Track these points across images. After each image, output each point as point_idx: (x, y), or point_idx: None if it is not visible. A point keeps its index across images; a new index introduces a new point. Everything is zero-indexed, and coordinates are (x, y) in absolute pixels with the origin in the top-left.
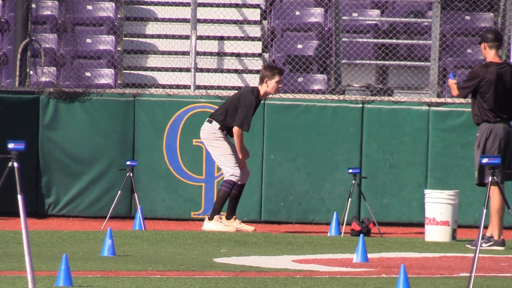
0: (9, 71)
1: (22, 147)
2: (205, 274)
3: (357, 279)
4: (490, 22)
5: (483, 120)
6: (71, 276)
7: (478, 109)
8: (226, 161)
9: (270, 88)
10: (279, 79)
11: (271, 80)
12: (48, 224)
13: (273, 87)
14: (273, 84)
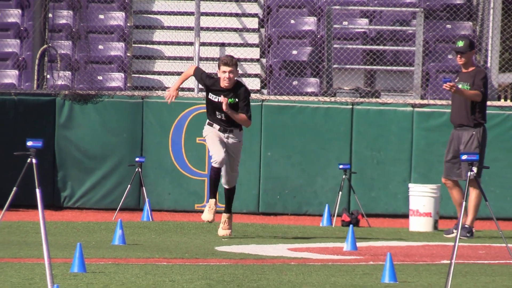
0: (28, 75)
1: (39, 145)
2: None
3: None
4: (469, 30)
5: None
6: (84, 263)
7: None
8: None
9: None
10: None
11: (219, 70)
12: (64, 216)
13: (220, 75)
14: (220, 73)
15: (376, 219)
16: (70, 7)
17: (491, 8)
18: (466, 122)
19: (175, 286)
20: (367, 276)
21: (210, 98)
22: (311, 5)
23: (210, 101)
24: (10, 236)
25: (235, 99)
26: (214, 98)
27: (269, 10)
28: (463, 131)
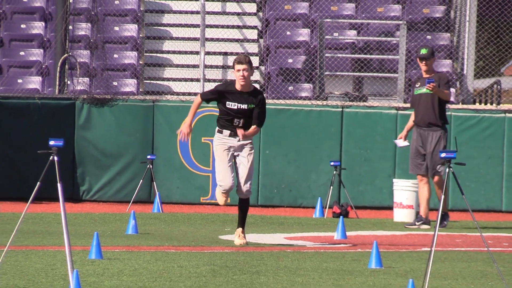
0: (50, 81)
1: (61, 144)
2: (212, 249)
3: (338, 253)
4: (447, 40)
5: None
6: (101, 251)
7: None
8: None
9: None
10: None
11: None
12: (82, 208)
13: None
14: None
15: (363, 210)
16: (88, 20)
17: (467, 20)
18: (435, 122)
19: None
20: (355, 262)
21: (228, 106)
22: (305, 18)
23: (228, 109)
24: (34, 226)
25: (254, 104)
26: (233, 106)
27: (267, 22)
28: (431, 131)
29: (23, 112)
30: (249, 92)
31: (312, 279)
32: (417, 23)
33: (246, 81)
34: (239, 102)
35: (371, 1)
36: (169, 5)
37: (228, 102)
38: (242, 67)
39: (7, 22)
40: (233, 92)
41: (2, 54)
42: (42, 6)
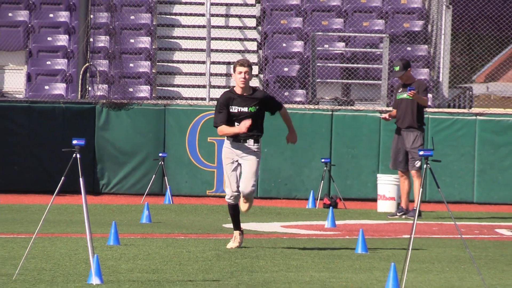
0: (73, 88)
1: (82, 143)
2: (217, 236)
3: (328, 239)
4: (425, 51)
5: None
6: (118, 237)
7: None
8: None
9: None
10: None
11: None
12: (102, 200)
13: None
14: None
15: (350, 202)
16: (107, 33)
17: (442, 34)
18: (413, 124)
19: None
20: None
21: (230, 110)
22: (299, 31)
23: (231, 113)
24: (59, 216)
25: (256, 106)
26: (234, 109)
27: (266, 35)
28: (409, 132)
29: (49, 115)
30: (250, 95)
31: (305, 262)
32: (398, 36)
33: (246, 84)
34: (239, 105)
35: (357, 16)
36: (179, 20)
37: (231, 106)
38: (244, 70)
39: (35, 35)
40: (234, 96)
41: (31, 63)
42: (66, 21)
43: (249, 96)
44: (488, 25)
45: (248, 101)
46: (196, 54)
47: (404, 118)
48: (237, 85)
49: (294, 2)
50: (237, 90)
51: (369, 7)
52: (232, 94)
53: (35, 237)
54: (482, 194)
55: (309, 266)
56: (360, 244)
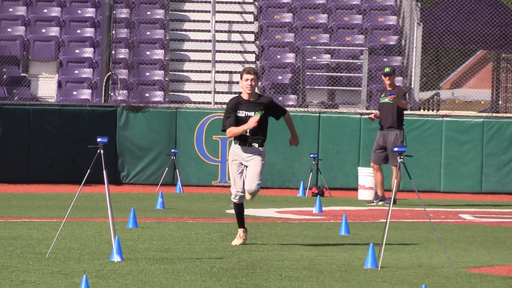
0: (97, 93)
1: (105, 141)
2: (221, 220)
3: (316, 223)
4: (399, 62)
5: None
6: (137, 221)
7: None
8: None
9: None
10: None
11: (241, 80)
12: (122, 189)
13: (243, 85)
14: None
15: (335, 191)
16: (127, 46)
17: (414, 47)
18: (394, 125)
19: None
20: (329, 230)
21: (238, 115)
22: (291, 45)
23: (238, 118)
24: (86, 203)
25: (262, 111)
26: (242, 114)
27: (263, 48)
28: (390, 131)
29: (77, 117)
30: (255, 100)
31: (296, 243)
32: (376, 49)
33: (252, 90)
34: (246, 110)
35: (341, 32)
36: (188, 35)
37: (238, 112)
38: (250, 77)
39: (65, 48)
40: (241, 102)
41: (61, 72)
42: (92, 36)
43: (255, 102)
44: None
45: (254, 106)
46: (203, 64)
47: (386, 119)
48: (244, 91)
49: (287, 20)
50: (244, 96)
51: (351, 24)
52: (239, 100)
53: (65, 221)
54: (448, 184)
55: (300, 247)
56: (343, 227)
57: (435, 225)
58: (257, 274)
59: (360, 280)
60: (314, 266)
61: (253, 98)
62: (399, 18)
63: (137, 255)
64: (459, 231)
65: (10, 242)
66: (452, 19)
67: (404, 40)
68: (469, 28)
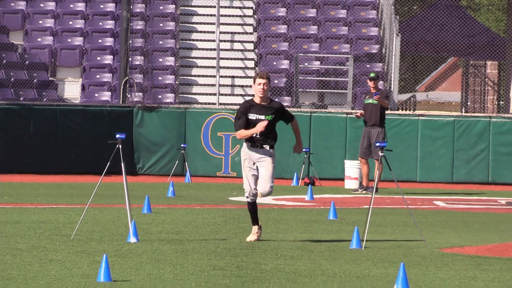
0: (116, 95)
1: (123, 137)
2: (224, 206)
3: (308, 209)
4: (380, 68)
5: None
6: (151, 207)
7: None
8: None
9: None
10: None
11: (254, 84)
12: (138, 179)
13: (255, 89)
14: (255, 86)
15: (325, 181)
16: (142, 54)
17: (393, 55)
18: (377, 123)
19: (205, 221)
20: (319, 215)
21: (249, 118)
22: (286, 53)
23: (249, 120)
24: (106, 191)
25: (272, 115)
26: (253, 117)
27: (261, 56)
28: (373, 129)
29: (98, 116)
30: (267, 104)
31: (291, 226)
32: (360, 56)
33: (265, 94)
34: (258, 113)
35: (329, 42)
36: (196, 44)
37: (249, 114)
38: (263, 81)
39: (88, 56)
40: (253, 105)
41: (84, 77)
42: (111, 45)
43: (266, 106)
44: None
45: (265, 110)
46: (208, 70)
47: (370, 118)
48: (256, 95)
49: (282, 31)
50: (256, 100)
51: (338, 34)
52: (251, 103)
53: (87, 207)
54: (423, 175)
55: (293, 229)
56: (331, 212)
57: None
58: (256, 254)
59: (346, 258)
60: (306, 247)
61: (265, 102)
62: (380, 29)
63: (151, 237)
64: (433, 216)
65: (39, 225)
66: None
67: (384, 49)
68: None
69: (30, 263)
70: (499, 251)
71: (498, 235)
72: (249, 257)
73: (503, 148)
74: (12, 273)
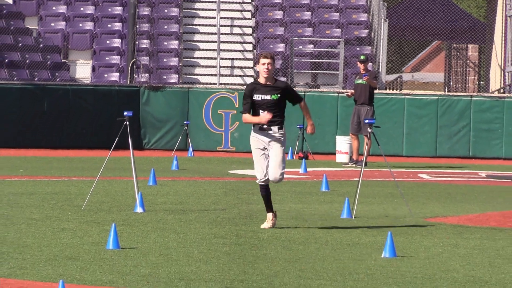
0: (124, 76)
1: (131, 114)
2: (224, 178)
3: (302, 181)
4: (369, 51)
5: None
6: (156, 180)
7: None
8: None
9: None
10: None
11: (259, 64)
12: (144, 153)
13: (260, 69)
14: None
15: (317, 155)
16: (148, 38)
17: (381, 39)
18: (366, 101)
19: (206, 192)
20: (312, 187)
21: (254, 99)
22: (282, 37)
23: (255, 101)
24: (114, 165)
25: (278, 94)
26: (258, 97)
27: (258, 40)
28: (363, 107)
29: (107, 95)
30: (273, 84)
31: (286, 197)
32: (350, 40)
33: (269, 74)
34: (263, 93)
35: (322, 27)
36: (198, 29)
37: (255, 95)
38: (267, 61)
39: (98, 39)
40: (258, 86)
41: (94, 59)
42: (120, 29)
43: (271, 86)
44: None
45: (270, 90)
46: (210, 52)
47: (360, 97)
48: (261, 75)
49: (278, 17)
50: (261, 80)
51: (330, 20)
52: (255, 85)
53: (97, 180)
54: (409, 150)
55: (289, 200)
56: (324, 184)
57: (398, 183)
58: (254, 223)
59: (338, 227)
60: (300, 216)
61: (270, 81)
62: (369, 15)
63: (156, 207)
64: (418, 188)
65: (53, 196)
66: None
67: (373, 33)
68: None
69: (44, 231)
70: (480, 220)
71: (478, 206)
72: (247, 226)
73: (483, 125)
74: (28, 241)
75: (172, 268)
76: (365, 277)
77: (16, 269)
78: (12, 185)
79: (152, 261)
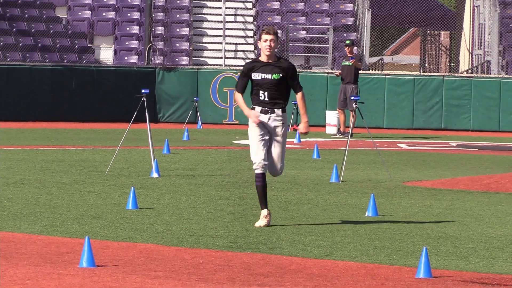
0: (142, 58)
1: (147, 92)
2: (229, 147)
3: (296, 150)
4: (354, 37)
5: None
6: (170, 148)
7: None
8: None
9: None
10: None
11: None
12: (159, 126)
13: (262, 46)
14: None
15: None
16: (163, 25)
17: (365, 26)
18: (352, 80)
19: (213, 159)
20: (305, 155)
21: (253, 77)
22: (279, 24)
23: (254, 81)
24: (133, 136)
25: (279, 74)
26: (257, 76)
27: (258, 27)
28: (349, 85)
29: (127, 75)
30: (274, 63)
31: None
32: (338, 27)
33: (271, 51)
34: (263, 72)
35: (314, 15)
36: (206, 17)
37: (254, 74)
38: (270, 38)
39: (119, 26)
40: (259, 64)
41: (116, 43)
42: (138, 18)
43: (273, 64)
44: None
45: (271, 69)
46: (216, 38)
47: (346, 77)
48: (263, 53)
49: (276, 7)
50: (262, 58)
51: (321, 9)
52: (255, 63)
53: (118, 149)
54: (389, 123)
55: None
56: (315, 152)
57: (380, 152)
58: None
59: (327, 190)
60: (294, 180)
61: (272, 59)
62: (354, 5)
63: (170, 172)
64: (397, 156)
65: (79, 163)
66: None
67: (358, 21)
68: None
69: (72, 194)
70: (451, 184)
71: (450, 171)
72: (249, 189)
73: (454, 101)
74: (58, 202)
75: (183, 225)
76: (351, 233)
77: (47, 226)
78: (44, 153)
79: (166, 220)
